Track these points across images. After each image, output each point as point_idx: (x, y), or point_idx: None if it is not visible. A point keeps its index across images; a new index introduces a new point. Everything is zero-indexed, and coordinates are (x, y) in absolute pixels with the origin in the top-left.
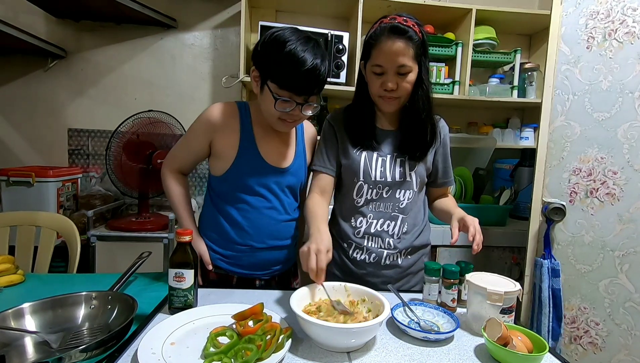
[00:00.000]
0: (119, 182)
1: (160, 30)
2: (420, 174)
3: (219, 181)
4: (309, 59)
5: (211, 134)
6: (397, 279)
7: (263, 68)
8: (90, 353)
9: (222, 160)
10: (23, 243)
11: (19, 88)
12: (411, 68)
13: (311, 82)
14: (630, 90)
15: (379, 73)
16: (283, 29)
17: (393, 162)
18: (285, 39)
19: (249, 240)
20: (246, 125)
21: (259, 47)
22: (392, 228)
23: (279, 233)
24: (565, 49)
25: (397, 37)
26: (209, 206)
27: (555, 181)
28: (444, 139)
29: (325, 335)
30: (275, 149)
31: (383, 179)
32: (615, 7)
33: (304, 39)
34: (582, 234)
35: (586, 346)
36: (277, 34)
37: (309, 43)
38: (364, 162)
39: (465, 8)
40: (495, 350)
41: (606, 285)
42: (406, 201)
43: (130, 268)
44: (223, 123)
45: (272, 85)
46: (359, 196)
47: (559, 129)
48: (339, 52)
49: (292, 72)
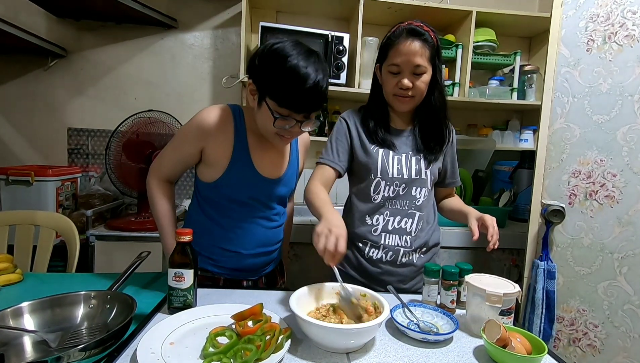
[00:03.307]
0: (118, 182)
1: (161, 30)
2: (434, 173)
3: (207, 187)
4: (312, 76)
5: (203, 141)
6: (412, 277)
7: (261, 83)
8: (89, 353)
9: (212, 168)
10: (22, 242)
11: (19, 87)
12: (426, 69)
13: (313, 99)
14: (629, 93)
15: (395, 72)
16: (283, 42)
17: (409, 160)
18: (286, 54)
19: (236, 247)
20: (240, 133)
21: (257, 60)
22: (410, 225)
23: (267, 240)
24: (565, 51)
25: (414, 38)
26: (196, 209)
27: (555, 183)
28: (453, 140)
29: (324, 336)
30: (268, 160)
31: (400, 176)
32: (615, 10)
33: (305, 53)
34: (581, 236)
35: (585, 348)
36: (277, 47)
37: (310, 58)
38: (381, 159)
39: (465, 10)
40: (494, 351)
41: (605, 287)
42: (422, 198)
43: (129, 267)
44: (216, 130)
45: (271, 102)
46: (376, 193)
47: (558, 132)
48: (339, 54)
49: (294, 90)
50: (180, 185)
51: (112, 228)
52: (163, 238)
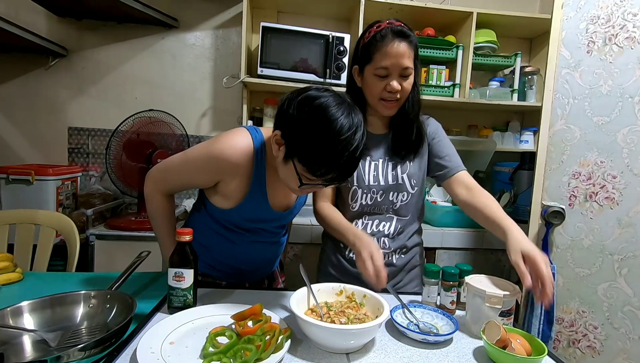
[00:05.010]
0: (118, 181)
1: (162, 30)
2: (414, 176)
3: (215, 209)
4: (355, 141)
5: (219, 176)
6: (392, 276)
7: (293, 141)
8: (89, 352)
9: (225, 199)
10: (22, 241)
11: (19, 86)
12: (412, 70)
13: (351, 168)
14: (630, 95)
15: (383, 76)
16: (325, 97)
17: (385, 166)
18: (330, 116)
19: (237, 263)
20: (260, 169)
21: (294, 110)
22: (387, 228)
23: (269, 257)
24: (566, 53)
25: (401, 39)
26: (200, 219)
27: (555, 185)
28: (435, 133)
29: (323, 336)
30: (282, 194)
31: (376, 184)
32: (615, 12)
33: (347, 110)
34: (581, 238)
35: (584, 350)
36: (320, 102)
37: (352, 116)
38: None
39: (466, 11)
40: (494, 352)
41: (605, 288)
42: (399, 203)
43: (129, 267)
44: (236, 170)
45: (300, 167)
46: (354, 201)
47: (558, 133)
48: (340, 54)
49: (334, 160)
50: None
51: (112, 227)
52: (163, 251)
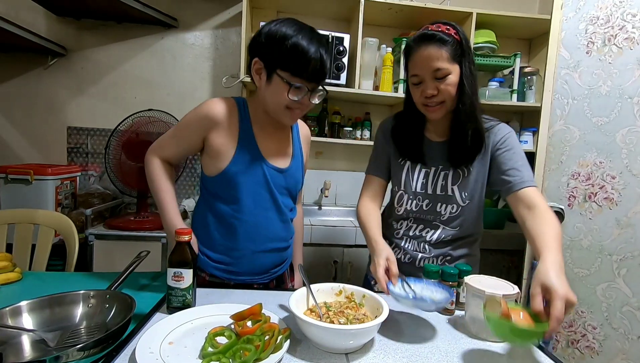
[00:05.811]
0: (117, 181)
1: (161, 29)
2: (467, 188)
3: (214, 181)
4: (319, 47)
5: (207, 131)
6: None
7: (270, 58)
8: (88, 352)
9: (218, 159)
10: (21, 241)
11: (18, 86)
12: (449, 70)
13: (322, 68)
14: (629, 95)
15: (417, 83)
16: (282, 21)
17: (436, 175)
18: (293, 29)
19: (246, 242)
20: (245, 122)
21: (263, 38)
22: (430, 235)
23: (277, 235)
24: (565, 53)
25: (426, 43)
26: (203, 209)
27: (554, 185)
28: (501, 143)
29: (323, 336)
30: (274, 147)
31: (423, 191)
32: (615, 13)
33: (307, 28)
34: (580, 238)
35: (583, 350)
36: (281, 23)
37: (313, 32)
38: (405, 172)
39: (465, 12)
40: (499, 325)
41: (604, 289)
42: (448, 214)
43: (129, 267)
44: (221, 120)
45: (283, 73)
46: (399, 204)
47: (558, 133)
48: (339, 54)
49: (305, 59)
50: (181, 184)
51: (111, 227)
52: (164, 216)
